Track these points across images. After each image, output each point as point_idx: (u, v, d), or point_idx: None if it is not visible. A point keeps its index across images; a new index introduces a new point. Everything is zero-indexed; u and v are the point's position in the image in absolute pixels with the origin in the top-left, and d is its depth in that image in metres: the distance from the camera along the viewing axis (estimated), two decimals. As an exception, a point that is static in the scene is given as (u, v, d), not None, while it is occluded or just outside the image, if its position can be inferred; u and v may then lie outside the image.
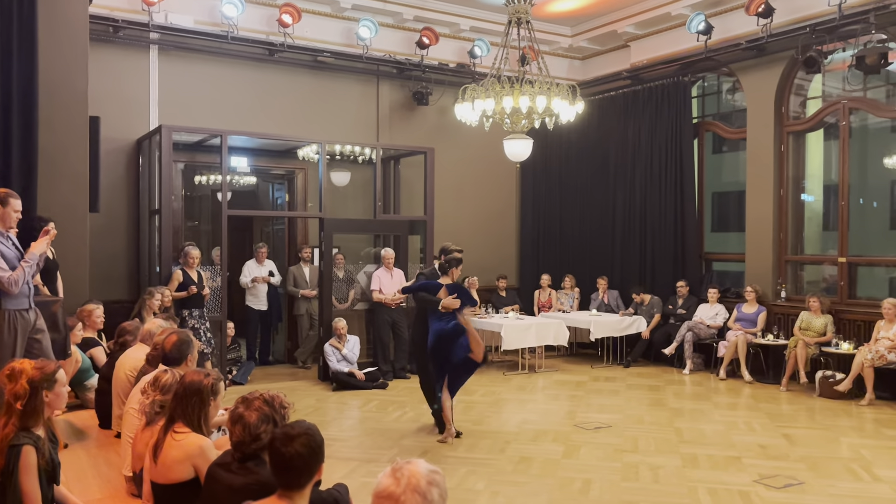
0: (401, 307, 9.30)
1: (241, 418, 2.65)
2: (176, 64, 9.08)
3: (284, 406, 2.71)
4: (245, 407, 2.67)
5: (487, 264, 11.35)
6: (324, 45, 9.81)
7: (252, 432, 2.62)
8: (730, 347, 9.07)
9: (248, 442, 2.62)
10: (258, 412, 2.65)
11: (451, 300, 6.39)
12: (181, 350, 3.97)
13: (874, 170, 13.65)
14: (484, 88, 7.73)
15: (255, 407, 2.66)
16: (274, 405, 2.67)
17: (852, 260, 8.96)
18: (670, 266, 10.40)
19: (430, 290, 6.56)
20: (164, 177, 8.07)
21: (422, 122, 10.81)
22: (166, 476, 2.96)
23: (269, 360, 10.17)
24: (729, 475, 5.43)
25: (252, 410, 2.66)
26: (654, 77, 10.65)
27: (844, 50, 8.64)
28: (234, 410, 2.71)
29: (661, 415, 7.34)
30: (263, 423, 2.63)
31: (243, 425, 2.63)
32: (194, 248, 8.08)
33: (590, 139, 11.39)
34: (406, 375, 9.19)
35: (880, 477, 5.40)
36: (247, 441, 2.62)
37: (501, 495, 5.00)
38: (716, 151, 15.91)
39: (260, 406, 2.66)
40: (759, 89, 9.51)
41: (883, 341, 7.81)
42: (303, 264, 9.94)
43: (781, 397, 8.17)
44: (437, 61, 10.57)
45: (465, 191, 11.25)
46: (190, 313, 7.82)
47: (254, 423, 2.62)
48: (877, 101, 9.20)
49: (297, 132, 9.60)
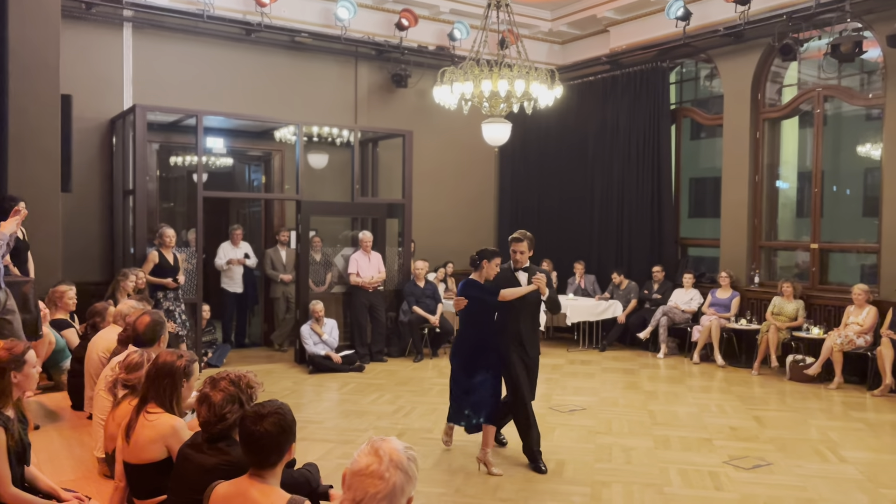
0: (378, 290, 9.30)
1: (206, 398, 2.64)
2: (150, 42, 8.94)
3: (251, 386, 2.69)
4: (211, 387, 2.65)
5: (465, 248, 11.30)
6: (302, 25, 9.71)
7: (217, 412, 2.60)
8: (703, 332, 9.19)
9: (213, 422, 2.61)
10: (223, 392, 2.63)
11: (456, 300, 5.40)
12: (154, 331, 3.94)
13: (847, 157, 13.82)
14: (463, 71, 7.69)
15: (221, 387, 2.65)
16: (240, 385, 2.65)
17: (824, 246, 9.10)
18: (646, 251, 10.49)
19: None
20: (138, 157, 7.96)
21: (400, 105, 10.76)
22: (139, 456, 2.94)
23: (245, 342, 10.13)
24: (700, 456, 5.52)
25: (217, 391, 2.64)
26: (632, 62, 10.67)
27: (820, 38, 8.71)
28: (202, 391, 2.70)
29: (636, 398, 7.43)
30: (229, 404, 2.61)
31: (209, 405, 2.62)
32: (170, 228, 8.00)
33: (568, 124, 11.41)
34: (383, 358, 9.21)
35: (846, 458, 5.51)
36: (212, 421, 2.61)
37: (476, 476, 5.05)
38: (693, 138, 16.02)
39: (226, 386, 2.64)
40: (736, 76, 9.58)
41: (852, 326, 7.96)
42: (280, 247, 9.88)
43: (753, 381, 8.30)
44: (416, 43, 10.50)
45: (444, 174, 11.24)
46: (164, 295, 7.76)
47: (219, 403, 2.60)
48: (851, 90, 9.30)
49: (274, 113, 9.52)
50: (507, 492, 4.78)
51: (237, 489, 2.26)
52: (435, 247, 10.79)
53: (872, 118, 13.09)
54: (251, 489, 2.24)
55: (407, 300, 9.51)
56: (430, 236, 10.77)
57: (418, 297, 9.50)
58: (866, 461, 5.45)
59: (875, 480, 5.02)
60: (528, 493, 4.74)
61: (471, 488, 4.83)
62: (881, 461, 5.47)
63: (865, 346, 7.84)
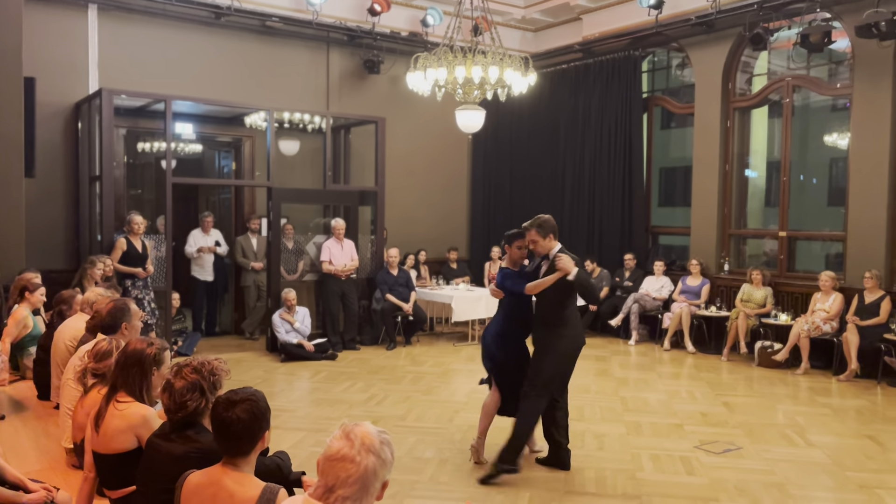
0: (350, 278, 9.25)
1: (169, 386, 2.58)
2: (117, 25, 8.74)
3: (215, 373, 2.62)
4: (174, 375, 2.60)
5: (438, 236, 11.36)
6: (272, 9, 9.56)
7: (177, 400, 2.55)
8: (674, 319, 9.29)
9: (173, 409, 2.56)
10: (185, 380, 2.58)
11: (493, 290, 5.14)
12: (115, 317, 3.87)
13: (814, 147, 14.03)
14: (436, 57, 7.64)
15: (183, 374, 2.59)
16: (203, 372, 2.59)
17: (792, 234, 9.24)
18: (618, 239, 10.56)
19: None
20: (104, 142, 7.79)
21: (373, 91, 10.67)
22: (108, 446, 2.88)
23: (216, 331, 10.02)
24: (671, 442, 5.59)
25: (179, 378, 2.59)
26: (605, 51, 10.70)
27: (790, 28, 8.81)
28: (166, 379, 2.65)
29: (607, 384, 7.49)
30: (189, 392, 2.56)
31: (170, 393, 2.56)
32: (138, 215, 7.85)
33: (541, 112, 11.42)
34: (356, 347, 9.16)
35: (813, 442, 5.62)
36: (172, 409, 2.56)
37: (450, 463, 5.05)
38: (664, 127, 16.15)
39: (188, 374, 2.58)
40: (708, 65, 9.65)
41: (819, 313, 8.10)
42: (250, 234, 9.77)
43: (722, 367, 8.42)
44: (388, 29, 10.41)
45: (417, 162, 11.19)
46: (133, 283, 7.63)
47: (179, 391, 2.55)
48: (820, 80, 9.43)
49: (245, 99, 9.37)
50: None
51: (210, 478, 2.23)
52: (407, 234, 10.76)
53: (838, 109, 13.30)
54: (225, 478, 2.20)
55: (380, 288, 9.47)
56: (402, 224, 10.72)
57: (391, 285, 9.46)
58: (832, 445, 5.55)
59: (841, 464, 5.12)
60: (503, 480, 4.74)
61: (444, 476, 4.83)
62: (847, 445, 5.58)
63: (832, 332, 7.98)
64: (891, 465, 5.14)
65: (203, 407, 2.55)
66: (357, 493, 1.80)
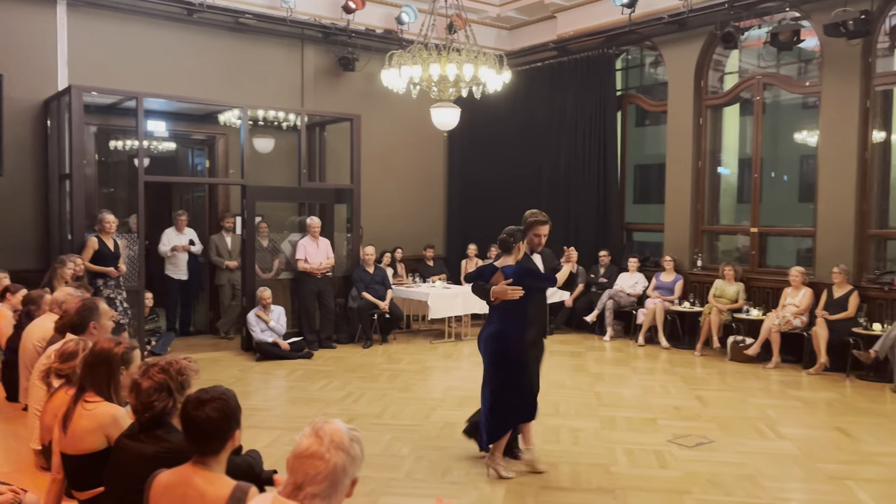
0: (326, 276, 9.21)
1: (136, 386, 2.55)
2: (87, 21, 8.61)
3: (183, 373, 2.59)
4: (142, 374, 2.57)
5: (414, 234, 11.35)
6: (246, 6, 9.49)
7: (143, 400, 2.52)
8: (648, 315, 9.37)
9: (140, 410, 2.53)
10: (151, 380, 2.54)
11: (503, 288, 4.73)
12: (83, 316, 3.82)
13: (785, 144, 14.24)
14: (411, 55, 7.63)
15: (150, 374, 2.56)
16: (170, 372, 2.56)
17: (763, 230, 9.36)
18: (593, 236, 10.62)
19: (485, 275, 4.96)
20: (74, 139, 7.68)
21: (348, 89, 10.63)
22: (77, 446, 2.84)
23: (190, 330, 9.92)
24: (645, 436, 5.64)
25: (146, 378, 2.55)
26: (579, 49, 10.75)
27: (760, 27, 8.92)
28: (133, 379, 2.62)
29: (582, 380, 7.54)
30: (156, 392, 2.53)
31: (137, 393, 2.53)
32: (110, 213, 7.75)
33: (516, 110, 11.45)
34: (332, 345, 9.13)
35: (784, 434, 5.70)
36: (139, 409, 2.53)
37: (426, 459, 5.05)
38: (638, 125, 16.30)
39: (155, 374, 2.55)
40: (680, 63, 9.74)
41: (789, 307, 8.22)
42: (224, 233, 9.69)
43: (696, 362, 8.51)
44: (363, 27, 10.37)
45: (393, 159, 11.17)
46: (105, 282, 7.53)
47: (146, 391, 2.52)
48: (790, 77, 9.56)
49: (218, 96, 9.28)
50: (457, 475, 4.80)
51: (180, 477, 2.20)
52: (384, 232, 10.74)
53: (808, 107, 13.51)
54: (195, 477, 2.18)
55: (356, 286, 9.44)
56: (378, 221, 10.70)
57: (367, 283, 9.44)
58: (802, 437, 5.64)
59: (811, 455, 5.20)
60: (477, 477, 4.76)
61: (420, 472, 4.83)
62: (816, 437, 5.68)
63: (802, 326, 8.10)
64: (860, 456, 5.23)
65: (171, 407, 2.52)
66: (326, 490, 1.79)
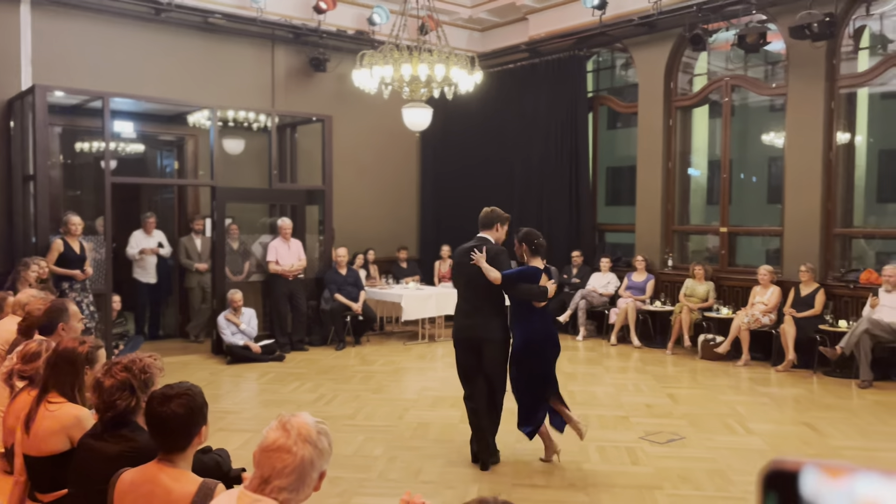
0: (298, 278, 9.14)
1: (98, 385, 2.50)
2: (52, 20, 8.46)
3: (147, 371, 2.54)
4: (104, 373, 2.52)
5: (387, 235, 11.30)
6: (215, 6, 9.39)
7: (106, 399, 2.46)
8: (620, 314, 9.44)
9: (103, 409, 2.48)
10: (114, 378, 2.49)
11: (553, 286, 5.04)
12: (51, 317, 3.75)
13: (753, 146, 14.45)
14: (382, 55, 7.61)
15: (113, 373, 2.51)
16: (133, 370, 2.51)
17: (733, 230, 9.49)
18: (565, 237, 10.67)
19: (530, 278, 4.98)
20: (38, 140, 7.54)
21: (319, 89, 10.56)
22: (40, 448, 2.78)
23: (160, 334, 9.79)
24: (617, 433, 5.67)
25: (109, 377, 2.50)
26: (551, 51, 10.82)
27: (728, 29, 9.03)
28: (96, 378, 2.57)
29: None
30: (119, 391, 2.48)
31: (99, 392, 2.48)
32: (76, 215, 7.62)
33: (488, 111, 11.47)
34: (304, 347, 9.06)
35: (753, 430, 5.77)
36: (101, 408, 2.48)
37: (399, 460, 5.03)
38: (610, 127, 16.42)
39: (117, 372, 2.50)
40: (650, 65, 9.84)
41: (758, 306, 8.33)
42: (194, 235, 9.57)
43: (667, 360, 8.59)
44: (334, 27, 10.33)
45: (365, 160, 11.12)
46: (70, 286, 7.39)
47: (108, 390, 2.46)
48: (757, 80, 9.70)
49: (187, 97, 9.17)
50: (430, 475, 4.78)
51: (145, 475, 2.16)
52: (356, 233, 10.68)
53: (775, 109, 13.72)
54: (160, 474, 2.14)
55: (328, 288, 9.38)
56: (351, 223, 10.63)
57: (340, 285, 9.38)
58: (771, 432, 5.72)
59: (779, 450, 5.27)
60: (451, 476, 4.75)
61: (393, 473, 4.80)
62: (784, 432, 5.76)
63: (770, 324, 8.22)
64: (827, 450, 5.31)
65: (134, 406, 2.48)
66: (294, 483, 1.77)
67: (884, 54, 8.26)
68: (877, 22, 8.24)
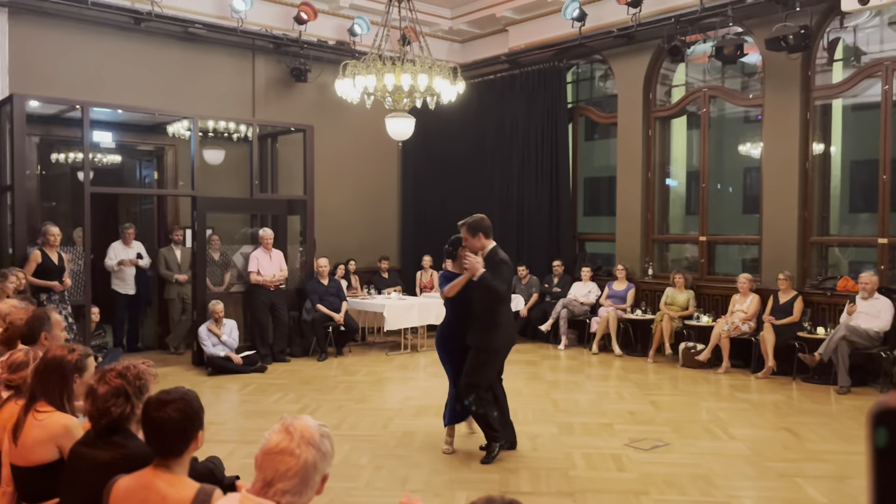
0: (279, 289, 9.09)
1: (92, 392, 2.47)
2: (29, 29, 8.38)
3: (141, 377, 2.52)
4: (98, 380, 2.49)
5: (369, 245, 11.29)
6: (195, 15, 9.36)
7: (100, 406, 2.44)
8: (601, 323, 9.50)
9: (96, 416, 2.45)
10: (108, 385, 2.47)
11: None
12: (33, 327, 3.70)
13: (729, 157, 14.67)
14: (365, 65, 7.64)
15: (107, 380, 2.48)
16: (127, 377, 2.48)
17: (712, 239, 9.61)
18: (545, 246, 10.75)
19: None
20: (16, 150, 7.45)
21: (300, 100, 10.56)
22: (27, 458, 2.73)
23: (138, 346, 9.67)
24: (601, 440, 5.70)
25: (103, 383, 2.48)
26: (530, 62, 10.92)
27: (705, 41, 9.19)
28: (89, 384, 2.54)
29: (539, 387, 7.59)
30: (113, 397, 2.45)
31: (93, 398, 2.45)
32: (54, 226, 7.52)
33: (469, 122, 11.54)
34: (286, 358, 9.00)
35: (735, 435, 5.83)
36: (95, 415, 2.45)
37: (385, 468, 5.01)
38: (587, 139, 16.56)
39: (111, 378, 2.48)
40: (629, 76, 9.97)
41: (738, 314, 8.43)
42: (174, 246, 9.50)
43: (648, 368, 8.65)
44: (315, 38, 10.34)
45: (346, 170, 11.12)
46: (48, 297, 7.29)
47: (102, 397, 2.44)
48: (734, 91, 9.86)
49: (167, 107, 9.11)
50: (417, 483, 4.77)
51: (141, 481, 2.14)
52: (337, 243, 10.65)
53: (750, 120, 13.95)
54: (157, 480, 2.12)
55: (310, 298, 9.34)
56: (332, 233, 10.61)
57: (322, 295, 9.34)
58: (752, 437, 5.78)
59: (761, 455, 5.33)
60: (437, 484, 4.74)
61: (380, 481, 4.79)
62: (766, 437, 5.82)
63: (749, 331, 8.32)
64: (807, 454, 5.38)
65: (128, 412, 2.45)
66: (297, 486, 1.76)
67: (857, 66, 8.45)
68: (850, 34, 8.44)
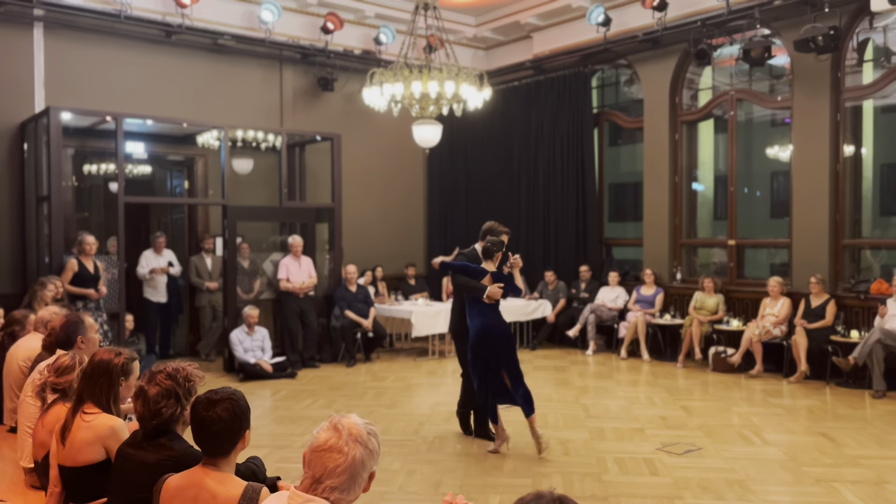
0: (308, 296, 9.17)
1: (142, 392, 2.54)
2: (64, 43, 8.57)
3: (190, 379, 2.58)
4: (148, 381, 2.55)
5: (395, 252, 11.35)
6: (224, 27, 9.51)
7: (151, 407, 2.50)
8: (630, 328, 9.46)
9: (147, 417, 2.51)
10: (159, 386, 2.53)
11: (496, 289, 5.50)
12: (68, 331, 3.79)
13: (757, 161, 14.55)
14: (392, 73, 7.71)
15: (157, 381, 2.55)
16: (177, 378, 2.54)
17: (741, 242, 9.53)
18: (572, 252, 10.72)
19: (473, 273, 5.58)
20: (52, 161, 7.62)
21: (327, 109, 10.66)
22: (75, 458, 2.81)
23: (171, 353, 9.78)
24: (634, 445, 5.67)
25: (153, 384, 2.54)
26: (555, 67, 10.93)
27: (732, 44, 9.14)
28: (139, 385, 2.60)
29: (568, 393, 7.57)
30: (164, 398, 2.51)
31: (143, 399, 2.51)
32: (90, 235, 7.68)
33: (494, 129, 11.57)
34: (315, 364, 9.07)
35: (769, 440, 5.78)
36: (146, 416, 2.51)
37: (418, 473, 5.04)
38: (612, 144, 16.52)
39: (162, 380, 2.54)
40: (655, 80, 9.93)
41: (769, 317, 8.35)
42: (205, 254, 9.62)
43: (678, 373, 8.59)
44: (342, 47, 10.44)
45: (373, 178, 11.19)
46: (85, 305, 7.44)
47: (153, 398, 2.50)
48: (762, 93, 9.79)
49: (197, 117, 9.26)
50: (450, 487, 4.78)
51: (190, 480, 2.19)
52: (364, 250, 10.72)
53: (777, 124, 13.84)
54: (206, 478, 2.17)
55: (338, 305, 9.41)
56: (359, 240, 10.68)
57: (350, 302, 9.41)
58: (787, 443, 5.72)
59: (797, 460, 5.28)
60: (471, 488, 4.76)
61: (413, 486, 4.81)
62: (801, 442, 5.76)
63: (781, 335, 8.23)
64: (844, 459, 5.32)
65: (178, 413, 2.51)
66: (345, 483, 1.80)
67: (888, 66, 8.35)
68: (880, 35, 8.34)
